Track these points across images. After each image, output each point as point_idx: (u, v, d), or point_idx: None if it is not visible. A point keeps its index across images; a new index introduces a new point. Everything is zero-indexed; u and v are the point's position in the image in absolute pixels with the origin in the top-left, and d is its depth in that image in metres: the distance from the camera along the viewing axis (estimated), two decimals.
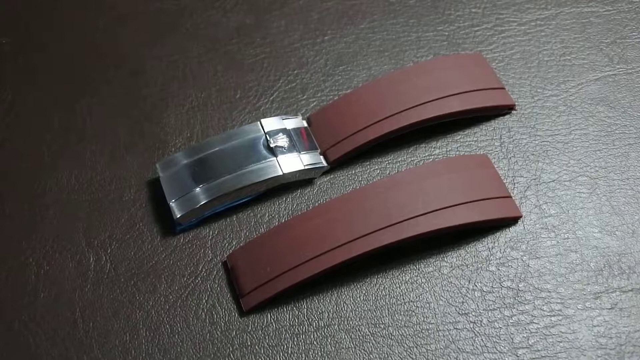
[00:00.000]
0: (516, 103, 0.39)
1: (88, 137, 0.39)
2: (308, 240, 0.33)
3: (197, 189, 0.35)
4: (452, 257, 0.34)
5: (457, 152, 0.38)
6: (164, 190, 0.36)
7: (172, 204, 0.35)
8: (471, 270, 0.34)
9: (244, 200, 0.36)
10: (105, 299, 0.34)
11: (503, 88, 0.39)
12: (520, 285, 0.33)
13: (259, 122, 0.37)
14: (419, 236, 0.33)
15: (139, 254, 0.36)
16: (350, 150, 0.37)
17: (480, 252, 0.35)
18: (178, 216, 0.35)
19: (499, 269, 0.34)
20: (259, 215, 0.36)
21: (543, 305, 0.33)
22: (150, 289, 0.34)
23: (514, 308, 0.33)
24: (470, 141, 0.38)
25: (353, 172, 0.38)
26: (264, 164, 0.36)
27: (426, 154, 0.38)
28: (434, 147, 0.38)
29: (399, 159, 0.38)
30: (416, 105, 0.37)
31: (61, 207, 0.37)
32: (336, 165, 0.38)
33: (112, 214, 0.37)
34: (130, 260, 0.35)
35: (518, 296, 0.33)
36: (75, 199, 0.37)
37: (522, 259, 0.34)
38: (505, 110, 0.39)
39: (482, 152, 0.38)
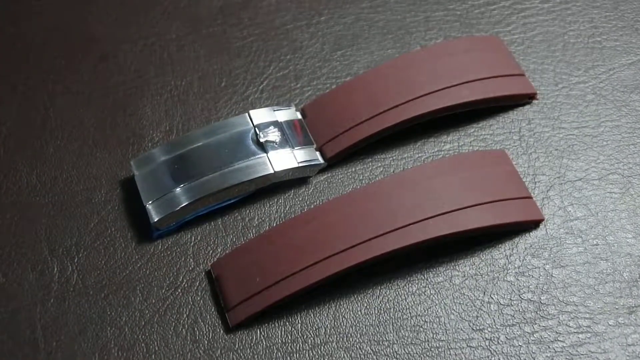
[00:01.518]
0: (538, 91, 0.39)
1: (51, 130, 0.39)
2: (302, 246, 0.33)
3: (177, 189, 0.35)
4: (465, 266, 0.34)
5: (471, 148, 0.38)
6: (140, 190, 0.36)
7: (149, 206, 0.35)
8: (486, 281, 0.34)
9: (230, 202, 0.36)
10: (71, 315, 0.34)
11: (523, 74, 0.39)
12: (542, 298, 0.33)
13: (247, 114, 0.37)
14: (427, 242, 0.33)
15: (110, 263, 0.35)
16: (349, 145, 0.37)
17: (496, 260, 0.34)
18: (155, 220, 0.35)
19: (518, 279, 0.34)
20: (247, 219, 0.36)
21: (569, 320, 0.33)
22: (123, 302, 0.34)
23: (536, 324, 0.33)
24: (485, 135, 0.38)
25: (353, 169, 0.37)
26: (252, 161, 0.36)
27: (435, 150, 0.38)
28: (444, 142, 0.38)
29: (405, 156, 0.38)
30: (424, 95, 0.37)
31: (20, 211, 0.37)
32: (334, 162, 0.37)
33: (79, 218, 0.36)
34: (100, 271, 0.35)
35: (540, 310, 0.33)
36: (36, 201, 0.37)
37: (544, 268, 0.34)
38: (525, 99, 0.39)
39: (498, 147, 0.37)
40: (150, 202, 0.35)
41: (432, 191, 0.34)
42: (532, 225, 0.35)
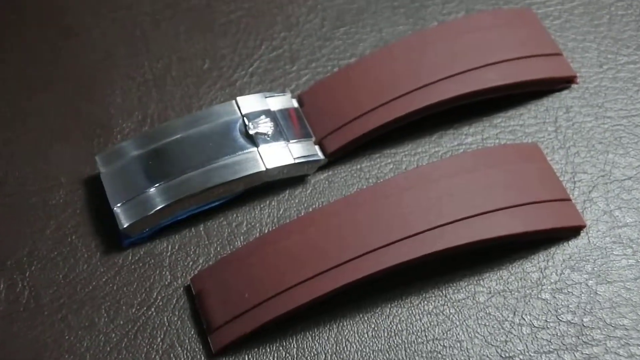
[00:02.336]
0: (578, 74, 0.38)
1: (0, 119, 0.38)
2: (299, 257, 0.33)
3: (152, 189, 0.34)
4: (491, 281, 0.33)
5: (497, 141, 0.37)
6: (107, 191, 0.35)
7: (118, 210, 0.34)
8: (517, 298, 0.33)
9: (214, 205, 0.36)
10: (22, 340, 0.33)
11: (560, 54, 0.38)
12: (585, 320, 0.32)
13: (234, 101, 0.37)
14: (446, 252, 0.32)
15: (70, 277, 0.34)
16: (354, 138, 0.36)
17: (529, 273, 0.33)
18: (125, 226, 0.34)
19: (555, 297, 0.33)
20: (234, 225, 0.35)
21: (618, 347, 0.31)
22: (85, 324, 0.33)
23: (578, 351, 0.31)
24: (514, 126, 0.37)
25: (358, 167, 0.36)
26: (241, 157, 0.35)
27: (455, 143, 0.37)
28: (466, 134, 0.37)
29: (419, 150, 0.37)
30: (442, 79, 0.36)
31: None
32: (336, 158, 0.37)
33: (33, 224, 0.36)
34: (58, 286, 0.34)
35: (583, 335, 0.32)
36: None
37: (587, 284, 0.33)
38: (562, 84, 0.38)
39: (530, 141, 0.36)
40: (119, 204, 0.34)
41: (452, 192, 0.33)
42: (572, 232, 0.34)
